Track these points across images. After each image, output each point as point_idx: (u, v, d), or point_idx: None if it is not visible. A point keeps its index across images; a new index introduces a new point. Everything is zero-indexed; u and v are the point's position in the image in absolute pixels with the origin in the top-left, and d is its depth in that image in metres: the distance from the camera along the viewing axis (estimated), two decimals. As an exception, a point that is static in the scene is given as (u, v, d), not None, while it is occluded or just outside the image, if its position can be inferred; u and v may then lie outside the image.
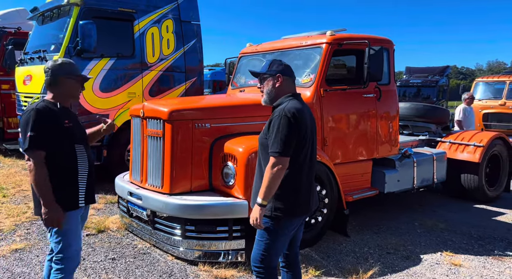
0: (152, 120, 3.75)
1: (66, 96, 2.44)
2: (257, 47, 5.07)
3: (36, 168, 2.22)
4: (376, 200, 5.05)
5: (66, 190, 2.34)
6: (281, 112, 2.22)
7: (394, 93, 4.74)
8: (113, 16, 6.00)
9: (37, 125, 2.23)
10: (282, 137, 2.17)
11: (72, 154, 2.38)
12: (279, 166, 2.18)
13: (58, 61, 2.42)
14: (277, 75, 2.34)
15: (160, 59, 6.38)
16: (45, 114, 2.28)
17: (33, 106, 2.30)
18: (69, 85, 2.41)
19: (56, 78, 2.38)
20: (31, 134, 2.21)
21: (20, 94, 6.71)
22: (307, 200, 2.35)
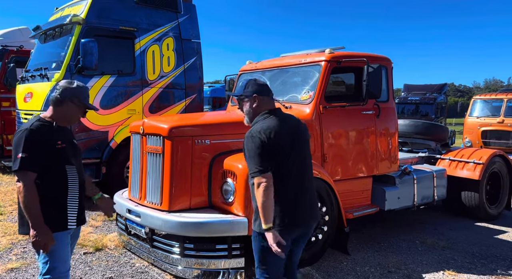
0: (152, 136, 3.75)
1: (64, 119, 2.41)
2: (256, 65, 5.13)
3: (26, 190, 2.18)
4: (376, 217, 5.01)
5: (55, 211, 2.31)
6: (248, 134, 2.28)
7: (393, 110, 4.77)
8: (115, 34, 6.08)
9: (29, 146, 2.20)
10: (255, 157, 2.21)
11: (63, 175, 2.34)
12: (263, 184, 2.18)
13: (72, 84, 2.39)
14: (253, 96, 2.37)
15: (160, 76, 6.43)
16: (38, 135, 2.24)
17: (27, 126, 2.27)
18: (71, 109, 2.39)
19: (62, 98, 2.35)
20: (22, 155, 2.18)
21: (20, 111, 6.73)
22: (291, 211, 2.29)
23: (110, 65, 6.02)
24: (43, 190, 2.25)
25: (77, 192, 2.41)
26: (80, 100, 2.40)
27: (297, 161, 2.33)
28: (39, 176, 2.24)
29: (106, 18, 6.02)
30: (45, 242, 2.22)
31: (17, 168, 2.19)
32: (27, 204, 2.19)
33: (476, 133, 10.71)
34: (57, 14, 6.80)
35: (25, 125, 2.30)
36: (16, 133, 2.28)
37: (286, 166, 2.28)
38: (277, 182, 2.25)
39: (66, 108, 2.37)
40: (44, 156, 2.24)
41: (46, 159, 2.25)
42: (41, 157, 2.22)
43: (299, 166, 2.34)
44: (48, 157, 2.26)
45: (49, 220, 2.26)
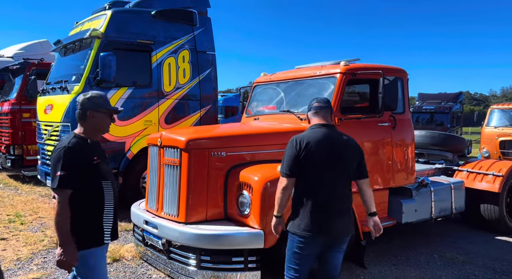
0: (170, 149, 3.81)
1: (95, 130, 2.43)
2: (271, 77, 5.17)
3: (61, 208, 2.21)
4: (393, 229, 4.94)
5: (92, 227, 2.32)
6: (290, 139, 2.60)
7: (409, 122, 4.73)
8: (132, 48, 6.22)
9: (68, 164, 2.22)
10: (285, 158, 2.59)
11: (99, 191, 2.36)
12: (282, 185, 2.58)
13: (87, 95, 2.42)
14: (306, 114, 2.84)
15: (176, 87, 6.54)
16: (76, 152, 2.27)
17: (65, 143, 2.29)
18: (97, 119, 2.40)
19: (84, 112, 2.38)
20: (61, 173, 2.20)
21: (40, 123, 6.91)
22: (318, 219, 2.51)
23: (128, 78, 6.14)
24: (80, 207, 2.26)
25: (112, 207, 2.41)
26: (103, 107, 2.42)
27: (330, 173, 2.55)
28: (77, 192, 2.25)
29: (124, 31, 6.17)
30: (69, 262, 2.22)
31: (55, 186, 2.21)
32: (60, 222, 2.21)
33: (494, 143, 10.51)
34: (77, 28, 7.00)
35: (62, 143, 2.32)
36: (54, 150, 2.31)
37: (317, 176, 2.53)
38: (306, 189, 2.56)
39: (93, 119, 2.39)
40: (82, 173, 2.26)
41: (83, 176, 2.27)
42: (79, 174, 2.25)
43: (332, 179, 2.56)
44: (86, 174, 2.28)
45: (86, 236, 2.29)
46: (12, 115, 8.61)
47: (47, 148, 6.64)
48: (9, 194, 7.42)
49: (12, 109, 8.62)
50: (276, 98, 4.94)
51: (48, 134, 6.52)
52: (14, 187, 8.18)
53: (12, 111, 8.61)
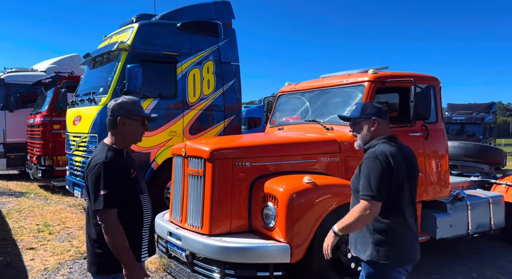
0: (194, 159, 3.76)
1: (126, 139, 2.20)
2: (295, 86, 5.09)
3: (113, 230, 2.00)
4: (427, 245, 4.66)
5: (131, 244, 2.08)
6: (372, 155, 2.18)
7: (442, 132, 4.51)
8: (158, 59, 6.29)
9: (109, 181, 2.01)
10: (374, 181, 2.12)
11: (138, 207, 2.16)
12: (370, 211, 2.12)
13: (118, 100, 2.19)
14: (372, 119, 2.31)
15: (200, 98, 6.55)
16: (115, 167, 2.05)
17: (101, 159, 2.06)
18: (129, 127, 2.16)
19: (115, 119, 2.14)
20: (104, 192, 1.99)
21: (69, 134, 7.07)
22: (413, 245, 2.25)
23: (153, 89, 6.20)
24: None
25: (149, 222, 2.24)
26: (135, 113, 2.17)
27: (410, 192, 2.27)
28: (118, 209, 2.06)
29: (151, 44, 6.26)
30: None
31: (101, 207, 1.99)
32: (117, 244, 2.00)
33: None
34: (105, 41, 7.18)
35: (98, 157, 2.09)
36: (91, 167, 2.07)
37: (403, 196, 2.22)
38: (396, 213, 2.20)
39: (124, 127, 2.15)
40: (123, 189, 2.07)
41: (124, 192, 2.07)
42: (120, 191, 2.05)
43: (412, 198, 2.28)
44: (126, 189, 2.08)
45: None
46: (43, 127, 8.88)
47: (75, 159, 6.76)
48: (39, 204, 7.59)
49: (43, 121, 8.90)
50: (301, 108, 4.84)
51: (76, 145, 6.65)
52: (44, 197, 8.38)
53: (43, 123, 8.89)
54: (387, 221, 2.19)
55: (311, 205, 3.35)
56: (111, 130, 2.18)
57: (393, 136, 2.33)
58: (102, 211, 2.00)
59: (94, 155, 2.12)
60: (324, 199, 3.41)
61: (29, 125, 9.72)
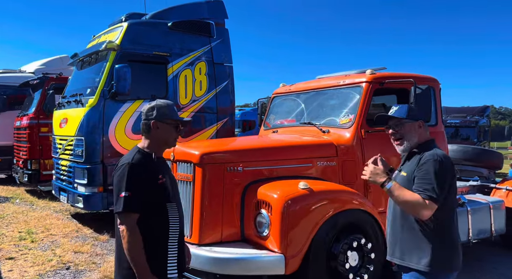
0: (183, 163, 3.56)
1: (159, 144, 2.12)
2: (290, 87, 4.91)
3: (131, 235, 1.90)
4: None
5: (153, 257, 1.98)
6: (436, 157, 2.11)
7: (442, 135, 4.36)
8: (148, 60, 6.09)
9: (132, 183, 1.94)
10: (439, 183, 2.05)
11: (163, 215, 2.03)
12: (428, 212, 2.03)
13: (151, 104, 2.13)
14: (418, 121, 2.26)
15: (192, 100, 6.35)
16: (141, 170, 1.98)
17: (128, 160, 2.00)
18: (162, 131, 2.09)
19: (148, 123, 2.08)
20: (126, 194, 1.91)
21: (56, 137, 6.83)
22: (460, 252, 2.16)
23: (143, 90, 5.99)
24: (142, 233, 1.96)
25: (177, 234, 2.09)
26: (168, 116, 2.10)
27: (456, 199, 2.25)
28: (140, 217, 1.96)
29: (140, 43, 6.06)
30: None
31: (121, 209, 1.91)
32: (133, 251, 1.91)
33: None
34: (94, 41, 6.96)
35: (125, 159, 2.04)
36: (117, 168, 2.02)
37: (455, 202, 2.20)
38: (449, 216, 2.14)
39: (157, 131, 2.08)
40: (147, 194, 1.98)
41: (147, 197, 1.98)
42: (144, 195, 1.96)
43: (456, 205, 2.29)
44: (150, 194, 1.99)
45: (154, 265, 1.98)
46: (30, 130, 8.60)
47: (61, 163, 6.51)
48: (24, 210, 7.31)
49: (30, 124, 8.62)
50: (296, 110, 4.66)
51: (62, 148, 6.41)
52: (30, 203, 8.09)
53: (30, 126, 8.61)
54: (446, 226, 2.12)
55: (307, 212, 3.16)
56: (145, 134, 2.12)
57: (434, 139, 2.31)
58: (121, 213, 1.93)
59: (123, 158, 2.07)
60: (320, 206, 3.22)
61: (16, 128, 9.43)
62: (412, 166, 2.17)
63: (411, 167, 2.17)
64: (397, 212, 2.22)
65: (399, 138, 2.26)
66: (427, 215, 2.04)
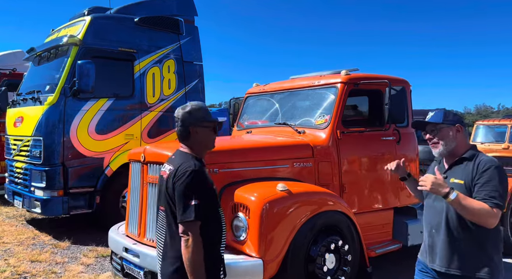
0: (155, 165, 3.36)
1: (201, 148, 2.09)
2: (264, 87, 4.82)
3: (196, 245, 1.86)
4: (400, 252, 4.56)
5: (211, 263, 1.94)
6: (496, 164, 2.08)
7: (413, 136, 4.44)
8: (113, 56, 5.80)
9: (201, 191, 1.90)
10: (503, 189, 2.03)
11: (219, 221, 2.02)
12: (495, 220, 1.99)
13: (186, 108, 2.07)
14: (457, 125, 2.22)
15: (160, 99, 6.12)
16: (204, 176, 1.94)
17: (191, 167, 1.93)
18: (202, 135, 2.06)
19: (186, 129, 2.04)
20: (195, 203, 1.86)
21: (9, 137, 6.33)
22: None
23: (108, 88, 5.71)
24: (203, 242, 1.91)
25: (225, 238, 2.10)
26: (205, 119, 2.07)
27: None
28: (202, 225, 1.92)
29: (105, 39, 5.76)
30: None
31: (192, 218, 1.85)
32: (195, 261, 1.85)
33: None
34: (52, 35, 6.54)
35: (187, 165, 1.94)
36: (180, 175, 1.92)
37: None
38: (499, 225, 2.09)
39: (197, 136, 2.05)
40: (210, 200, 1.96)
41: (210, 203, 1.96)
42: (208, 202, 1.94)
43: None
44: (211, 200, 1.97)
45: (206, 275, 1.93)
46: (-21, 129, 7.93)
47: (16, 165, 6.04)
48: (-28, 216, 6.71)
49: (-21, 123, 7.95)
50: (271, 110, 4.58)
51: (17, 149, 5.94)
52: (-22, 208, 7.45)
53: (-21, 125, 7.94)
54: (498, 231, 2.11)
55: (286, 215, 3.08)
56: (184, 141, 2.09)
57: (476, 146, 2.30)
58: (191, 222, 1.87)
59: (179, 164, 1.98)
60: (299, 208, 3.15)
61: (-36, 127, 8.68)
62: (469, 173, 2.09)
63: (469, 175, 2.09)
64: (451, 221, 2.12)
65: (435, 142, 2.24)
66: (494, 224, 1.99)
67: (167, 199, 1.99)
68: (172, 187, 1.94)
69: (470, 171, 2.10)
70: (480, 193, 2.02)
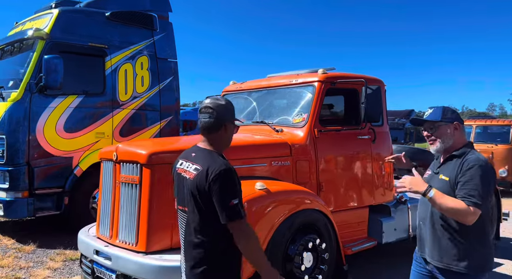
0: (127, 164, 3.23)
1: (223, 145, 2.03)
2: (241, 85, 4.77)
3: (255, 239, 1.88)
4: (374, 250, 4.63)
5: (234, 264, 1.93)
6: (482, 162, 2.11)
7: (387, 135, 4.52)
8: (83, 51, 5.57)
9: (237, 189, 1.87)
10: (485, 189, 2.05)
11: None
12: (472, 217, 2.02)
13: (221, 101, 1.99)
14: (455, 123, 2.24)
15: (133, 97, 5.93)
16: (235, 174, 1.87)
17: (223, 165, 1.85)
18: (230, 132, 2.01)
19: (220, 122, 1.94)
20: (236, 201, 1.82)
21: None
22: (493, 252, 2.24)
23: (77, 84, 5.48)
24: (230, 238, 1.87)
25: None
26: (234, 117, 2.05)
27: None
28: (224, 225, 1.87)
29: (74, 33, 5.52)
30: None
31: (241, 216, 1.83)
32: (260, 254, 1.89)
33: (447, 158, 10.84)
34: (17, 28, 6.22)
35: (218, 165, 1.85)
36: (216, 175, 1.82)
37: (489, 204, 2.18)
38: (487, 221, 2.14)
39: (226, 131, 1.99)
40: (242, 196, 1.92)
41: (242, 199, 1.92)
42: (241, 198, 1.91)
43: None
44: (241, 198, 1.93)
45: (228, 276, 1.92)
46: None
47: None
48: None
49: None
50: (248, 108, 4.53)
51: (-23, 148, 5.58)
52: None
53: None
54: (482, 227, 2.13)
55: (264, 213, 3.04)
56: (210, 134, 1.97)
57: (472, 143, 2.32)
58: (240, 220, 1.84)
59: (208, 163, 1.88)
60: (278, 207, 3.12)
61: None
62: (455, 171, 2.14)
63: (453, 172, 2.14)
64: (435, 214, 2.20)
65: (433, 139, 2.27)
66: (471, 221, 2.03)
67: (193, 198, 1.90)
68: (205, 187, 1.85)
69: (456, 168, 2.15)
70: (461, 191, 2.07)
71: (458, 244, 2.12)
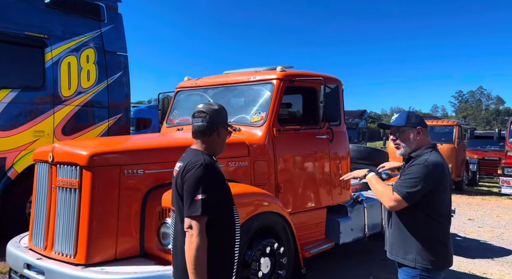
0: (65, 166, 2.88)
1: (216, 148, 2.02)
2: (197, 81, 4.52)
3: (200, 241, 1.77)
4: (328, 251, 4.57)
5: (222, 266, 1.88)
6: (423, 162, 2.20)
7: (345, 135, 4.48)
8: (18, 41, 5.02)
9: (210, 185, 1.84)
10: (413, 184, 2.16)
11: (231, 219, 1.94)
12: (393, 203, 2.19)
13: (214, 106, 2.03)
14: (417, 128, 2.32)
15: (77, 92, 5.45)
16: (214, 172, 1.88)
17: (201, 161, 1.86)
18: (223, 136, 2.03)
19: (213, 126, 1.97)
20: (203, 197, 1.79)
21: None
22: (450, 252, 2.28)
23: (11, 77, 4.93)
24: (212, 241, 1.82)
25: (239, 239, 2.01)
26: (227, 122, 2.08)
27: (448, 203, 2.31)
28: (213, 223, 1.84)
29: (7, 21, 4.95)
30: None
31: (199, 213, 1.77)
32: (199, 259, 1.76)
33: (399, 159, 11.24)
34: None
35: (196, 160, 1.87)
36: (188, 168, 1.85)
37: (444, 206, 2.26)
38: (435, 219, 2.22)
39: (219, 136, 2.02)
40: (220, 196, 1.89)
41: (221, 199, 1.89)
42: (218, 198, 1.87)
43: (448, 209, 2.31)
44: (222, 196, 1.90)
45: None
46: None
47: None
48: None
49: None
50: (203, 106, 4.28)
51: None
52: None
53: None
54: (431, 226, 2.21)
55: (219, 219, 2.83)
56: (203, 138, 2.00)
57: (435, 145, 2.37)
58: (197, 217, 1.79)
59: (188, 160, 1.92)
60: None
61: None
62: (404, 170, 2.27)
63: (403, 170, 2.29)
64: (393, 214, 2.32)
65: (397, 144, 2.37)
66: (393, 207, 2.20)
67: (177, 197, 1.91)
68: (181, 182, 1.87)
69: (406, 168, 2.30)
70: (396, 182, 2.26)
71: (407, 241, 2.23)
